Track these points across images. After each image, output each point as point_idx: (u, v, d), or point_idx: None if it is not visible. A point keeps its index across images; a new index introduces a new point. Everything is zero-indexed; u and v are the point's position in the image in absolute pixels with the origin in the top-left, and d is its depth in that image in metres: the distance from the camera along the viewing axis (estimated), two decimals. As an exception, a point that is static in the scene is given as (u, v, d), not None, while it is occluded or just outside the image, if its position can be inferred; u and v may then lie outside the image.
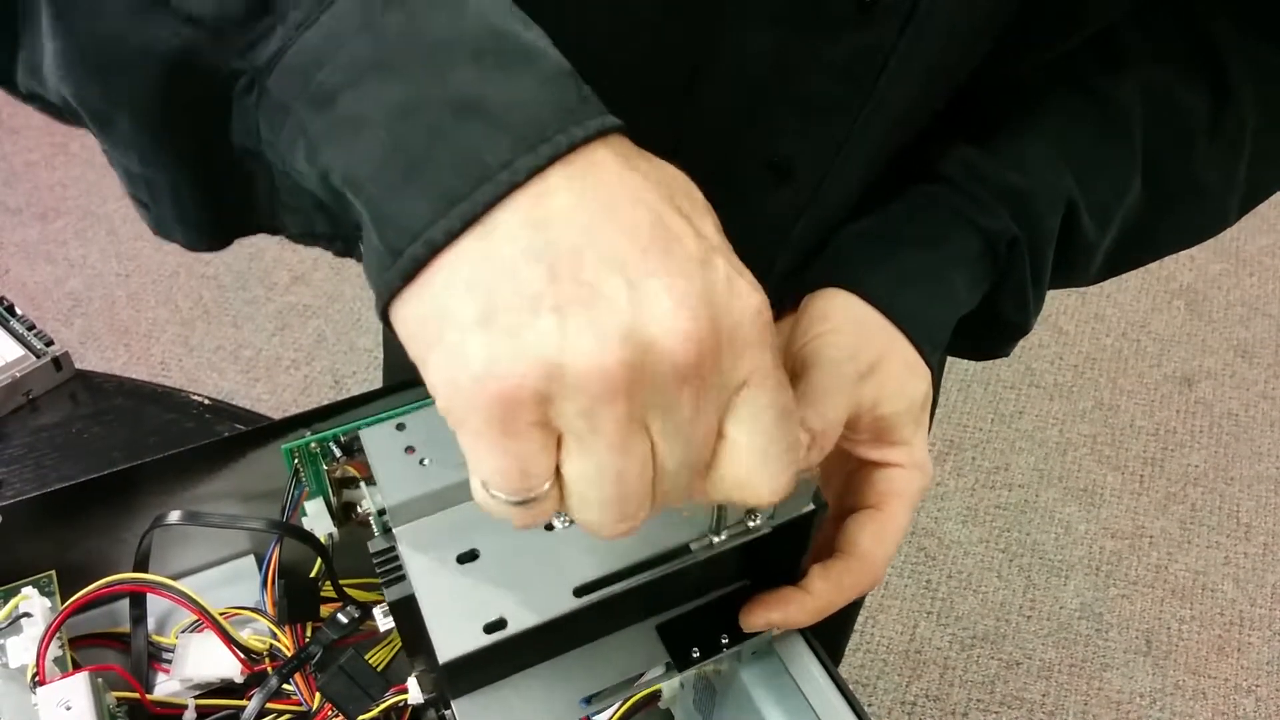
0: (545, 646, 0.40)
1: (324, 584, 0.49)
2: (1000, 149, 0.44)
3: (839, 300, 0.41)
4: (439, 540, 0.34)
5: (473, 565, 0.33)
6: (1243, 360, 1.79)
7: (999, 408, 1.69)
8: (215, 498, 0.51)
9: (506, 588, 0.33)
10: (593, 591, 0.33)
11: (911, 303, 0.41)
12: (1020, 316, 0.46)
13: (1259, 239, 2.01)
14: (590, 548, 0.34)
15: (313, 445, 0.50)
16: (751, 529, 0.35)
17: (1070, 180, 0.44)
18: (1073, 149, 0.45)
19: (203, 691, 0.49)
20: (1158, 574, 1.50)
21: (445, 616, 0.32)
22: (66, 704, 0.42)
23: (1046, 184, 0.44)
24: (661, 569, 0.34)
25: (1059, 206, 0.44)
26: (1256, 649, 1.42)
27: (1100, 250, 0.47)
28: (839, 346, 0.39)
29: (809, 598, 0.38)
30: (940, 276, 0.43)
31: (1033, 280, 0.45)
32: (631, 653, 0.41)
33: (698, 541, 0.34)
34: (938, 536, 1.52)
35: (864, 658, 1.38)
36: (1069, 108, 0.45)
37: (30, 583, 0.50)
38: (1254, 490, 1.60)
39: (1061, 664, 1.39)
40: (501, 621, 0.32)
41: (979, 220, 0.43)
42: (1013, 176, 0.43)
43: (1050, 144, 0.45)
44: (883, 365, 0.39)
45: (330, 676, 0.45)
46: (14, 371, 0.65)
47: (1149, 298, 1.89)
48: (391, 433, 0.36)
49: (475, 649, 0.31)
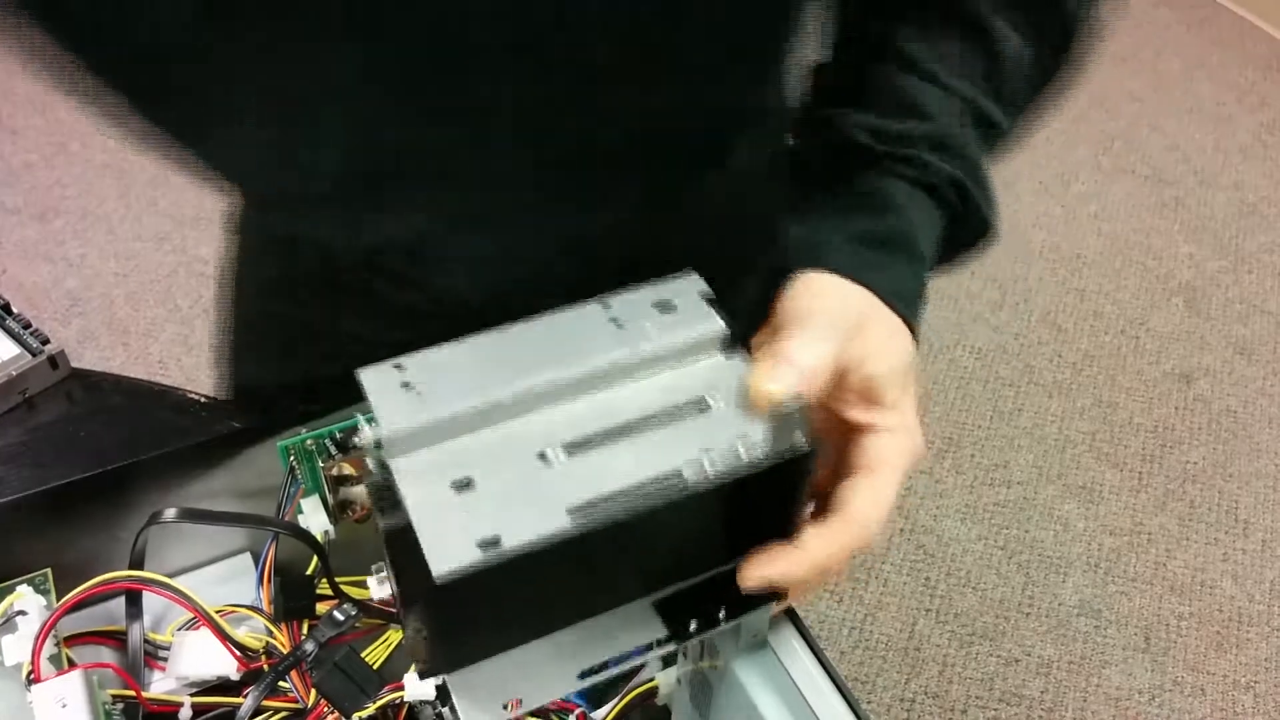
0: (541, 604, 0.40)
1: (320, 581, 0.49)
2: (890, 100, 0.46)
3: (815, 276, 0.43)
4: (435, 470, 0.34)
5: (469, 493, 0.33)
6: (1241, 357, 1.79)
7: (998, 405, 1.69)
8: (211, 495, 0.51)
9: (502, 512, 0.33)
10: (586, 513, 0.33)
11: (882, 270, 0.43)
12: (987, 234, 0.49)
13: (1258, 236, 2.01)
14: (583, 479, 0.34)
15: (309, 443, 0.50)
16: (743, 460, 0.35)
17: (965, 89, 0.46)
18: (947, 61, 0.47)
19: (199, 689, 0.49)
20: (1156, 571, 1.50)
21: (440, 537, 0.32)
22: (62, 702, 0.42)
23: (951, 110, 0.46)
24: (652, 494, 0.34)
25: (968, 124, 0.46)
26: (1255, 645, 1.42)
27: (1017, 125, 0.50)
28: (825, 309, 0.41)
29: (803, 553, 0.39)
30: (905, 245, 0.44)
31: (985, 202, 0.47)
32: (629, 629, 0.41)
33: (690, 470, 0.35)
34: (936, 534, 1.52)
35: (863, 655, 1.38)
36: (923, 33, 0.47)
37: (26, 580, 0.50)
38: (1252, 487, 1.60)
39: (1060, 661, 1.39)
40: (496, 539, 0.32)
41: (917, 177, 0.45)
42: (920, 126, 0.45)
43: (930, 72, 0.47)
44: (867, 326, 0.41)
45: (326, 674, 0.45)
46: (10, 370, 0.65)
47: (1148, 295, 1.89)
48: (389, 370, 0.36)
49: (470, 565, 0.31)
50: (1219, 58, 2.42)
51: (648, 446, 0.36)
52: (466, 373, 0.36)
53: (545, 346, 0.37)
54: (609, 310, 0.39)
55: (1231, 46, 2.46)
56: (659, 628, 0.41)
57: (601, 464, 0.35)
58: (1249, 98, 2.32)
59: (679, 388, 0.38)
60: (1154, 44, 2.45)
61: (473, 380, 0.36)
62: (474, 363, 0.36)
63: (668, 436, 0.36)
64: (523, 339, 0.37)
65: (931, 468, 1.59)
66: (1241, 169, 2.15)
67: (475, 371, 0.36)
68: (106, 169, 2.00)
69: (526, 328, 0.38)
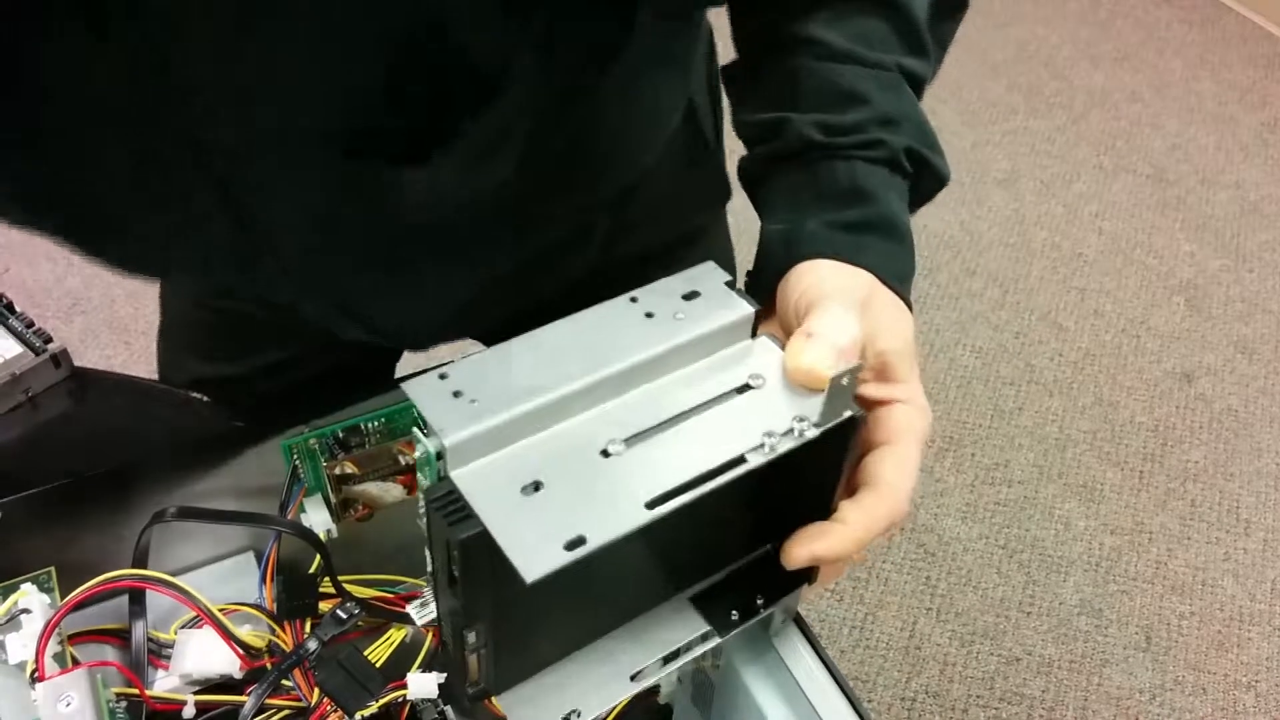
0: (591, 608, 0.40)
1: (323, 580, 0.50)
2: (823, 93, 0.48)
3: (813, 264, 0.44)
4: (500, 477, 0.34)
5: (538, 495, 0.33)
6: (1242, 356, 1.79)
7: (999, 404, 1.69)
8: (214, 494, 0.51)
9: (578, 509, 0.32)
10: (663, 503, 0.33)
11: (874, 252, 0.44)
12: (941, 184, 0.50)
13: (1258, 235, 2.01)
14: (651, 470, 0.34)
15: (311, 442, 0.50)
16: (799, 434, 0.36)
17: (883, 56, 0.48)
18: (870, 37, 0.49)
19: (202, 687, 0.49)
20: (1157, 570, 1.50)
21: (522, 541, 0.31)
22: (66, 700, 0.42)
23: (882, 84, 0.48)
24: (723, 477, 0.34)
25: (902, 89, 0.48)
26: (1256, 645, 1.42)
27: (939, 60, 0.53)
28: (838, 288, 0.42)
29: (846, 527, 0.40)
30: (884, 223, 0.46)
31: (937, 154, 0.49)
32: (670, 627, 0.41)
33: (753, 451, 0.35)
34: (937, 533, 1.52)
35: (864, 654, 1.38)
36: (829, 24, 0.49)
37: (30, 579, 0.50)
38: (1254, 486, 1.60)
39: (1061, 660, 1.39)
40: (581, 539, 0.31)
41: (876, 157, 0.47)
42: (858, 111, 0.47)
43: (856, 52, 0.48)
44: (872, 303, 0.43)
45: (329, 672, 0.45)
46: (13, 369, 0.65)
47: (1149, 294, 1.89)
48: (435, 381, 0.35)
49: (559, 565, 0.31)
50: (1220, 57, 2.42)
51: (705, 433, 0.36)
52: (512, 377, 0.36)
53: (584, 345, 0.37)
54: (637, 304, 0.39)
55: (1233, 45, 2.46)
56: (700, 622, 0.42)
57: (665, 454, 0.35)
58: (1250, 96, 2.32)
59: (720, 372, 0.38)
60: (1155, 43, 2.45)
61: (520, 383, 0.35)
62: (518, 367, 0.36)
63: (722, 421, 0.36)
64: (560, 339, 0.37)
65: (932, 467, 1.59)
66: (1243, 168, 2.15)
67: (522, 375, 0.36)
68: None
69: (561, 329, 0.38)
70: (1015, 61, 2.37)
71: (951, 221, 1.99)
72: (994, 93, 2.28)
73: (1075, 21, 2.49)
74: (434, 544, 0.34)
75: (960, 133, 2.18)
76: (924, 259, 1.90)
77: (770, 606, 0.42)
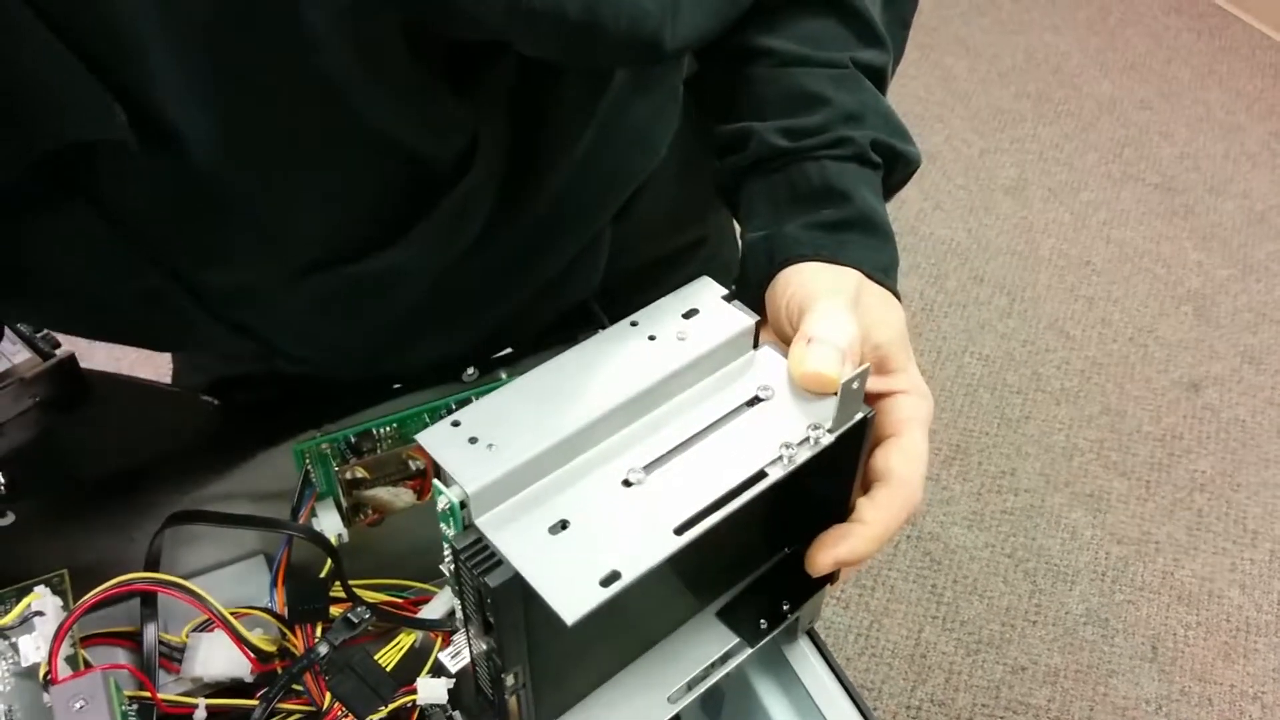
0: (625, 634, 0.40)
1: (334, 584, 0.50)
2: (784, 99, 0.49)
3: (798, 267, 0.44)
4: (525, 519, 0.34)
5: (566, 533, 0.33)
6: (1250, 366, 1.79)
7: (1005, 412, 1.69)
8: (226, 498, 0.51)
9: (608, 544, 0.32)
10: (692, 527, 0.33)
11: (857, 248, 0.45)
12: (910, 170, 0.50)
13: (1266, 245, 2.00)
14: (674, 496, 0.34)
15: (323, 446, 0.50)
16: (814, 441, 0.36)
17: (843, 52, 0.49)
18: (819, 37, 0.49)
19: (212, 691, 0.49)
20: (1164, 580, 1.49)
21: (557, 582, 0.31)
22: (80, 702, 0.42)
23: (843, 84, 0.49)
24: (747, 494, 0.34)
25: (862, 81, 0.49)
26: (1263, 655, 1.42)
27: (897, 50, 0.53)
28: (828, 288, 0.42)
29: (866, 527, 0.40)
30: (863, 220, 0.46)
31: (906, 145, 0.49)
32: (700, 644, 0.41)
33: (772, 464, 0.35)
34: (943, 541, 1.52)
35: (869, 662, 1.38)
36: (787, 27, 0.50)
37: (42, 581, 0.50)
38: (1261, 497, 1.60)
39: (1067, 670, 1.39)
40: (615, 574, 0.31)
41: (845, 155, 0.47)
42: (822, 113, 0.48)
43: (806, 54, 0.49)
44: (861, 298, 0.43)
45: (340, 676, 0.46)
46: (22, 373, 0.66)
47: (1156, 303, 1.89)
48: (449, 429, 0.35)
49: (597, 603, 0.30)
50: (1229, 66, 2.42)
51: (723, 451, 0.36)
52: (525, 415, 0.35)
53: (591, 374, 0.37)
54: (638, 328, 0.39)
55: (1241, 54, 2.46)
56: (728, 635, 0.42)
57: (686, 478, 0.35)
58: (1258, 106, 2.31)
59: (729, 387, 0.38)
60: (1163, 52, 2.45)
61: (534, 421, 0.35)
62: (529, 404, 0.36)
63: (738, 436, 0.36)
64: (567, 372, 0.37)
65: (938, 475, 1.59)
66: (1251, 177, 2.15)
67: (533, 412, 0.35)
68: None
69: (567, 359, 0.38)
70: (1024, 69, 2.37)
71: (959, 229, 1.99)
72: (1002, 100, 2.28)
73: (1084, 29, 2.49)
74: (464, 592, 0.34)
75: (968, 140, 2.18)
76: (931, 266, 1.90)
77: (796, 610, 0.42)
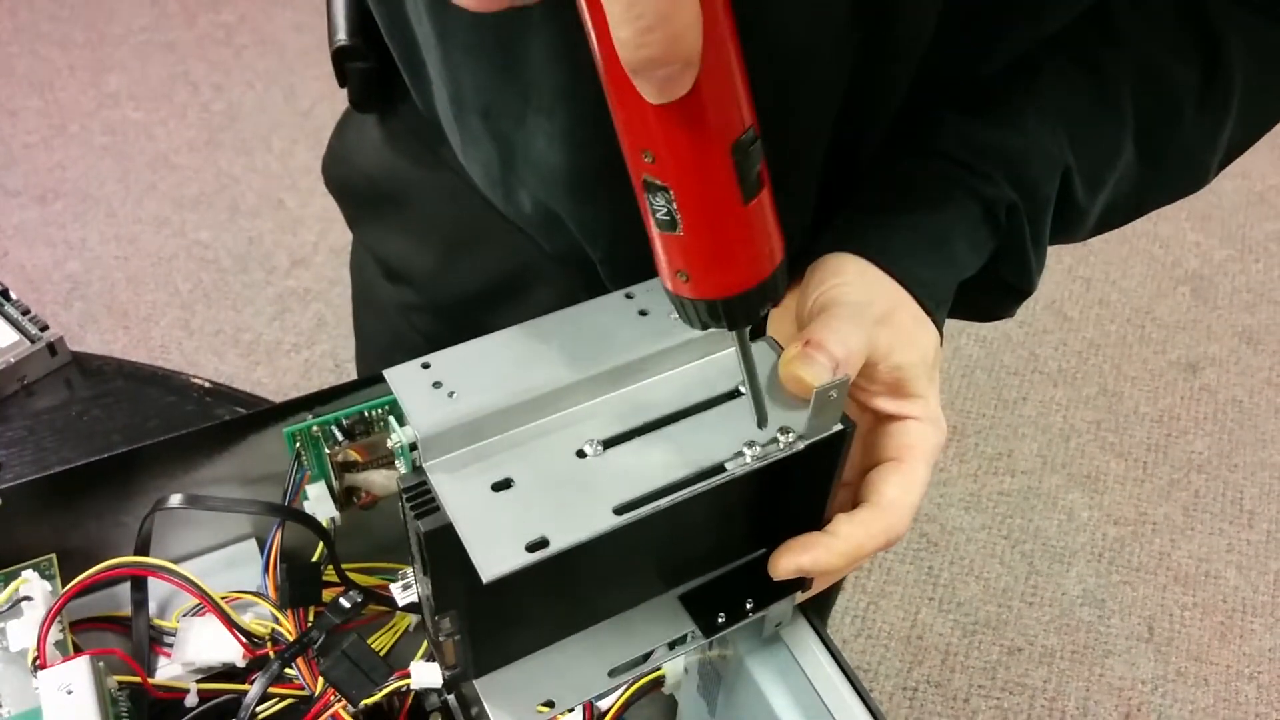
0: (572, 602, 0.39)
1: (326, 568, 0.49)
2: (997, 119, 0.45)
3: (848, 260, 0.42)
4: (471, 471, 0.33)
5: (508, 493, 0.33)
6: (1248, 347, 1.78)
7: (1002, 393, 1.69)
8: (216, 481, 0.50)
9: (545, 511, 0.32)
10: (632, 510, 0.32)
11: (914, 264, 0.42)
12: (1022, 280, 0.47)
13: (1265, 225, 2.00)
14: (624, 475, 0.34)
15: (314, 429, 0.49)
16: (784, 445, 0.35)
17: (1065, 147, 0.45)
18: (1067, 118, 0.45)
19: (204, 675, 0.48)
20: (1160, 561, 1.50)
21: (485, 539, 0.31)
22: (68, 688, 0.42)
23: (1042, 150, 0.45)
24: (697, 486, 0.33)
25: (1055, 172, 0.45)
26: (1259, 636, 1.42)
27: (1092, 214, 0.49)
28: (854, 294, 0.40)
29: (836, 540, 0.38)
30: (941, 241, 0.43)
31: (1033, 243, 0.46)
32: (656, 624, 0.41)
33: (732, 461, 0.34)
34: (940, 523, 1.52)
35: (865, 644, 1.38)
36: (1064, 79, 0.46)
37: (31, 566, 0.49)
38: (1258, 477, 1.60)
39: (1063, 650, 1.39)
40: (543, 540, 0.31)
41: (978, 188, 0.44)
42: (1010, 144, 0.44)
43: (1046, 114, 0.45)
44: (893, 316, 0.41)
45: (333, 661, 0.45)
46: (9, 357, 0.65)
47: (1154, 284, 1.88)
48: (417, 370, 0.35)
49: (518, 566, 0.30)
50: (1227, 45, 2.41)
51: (686, 439, 0.35)
52: (496, 370, 0.35)
53: (573, 340, 0.36)
54: (633, 300, 0.38)
55: (1240, 34, 2.45)
56: (686, 621, 0.41)
57: (641, 459, 0.34)
58: (1257, 86, 2.31)
59: (711, 376, 0.37)
60: (1162, 31, 2.43)
61: (503, 377, 0.35)
62: (503, 359, 0.36)
63: (705, 427, 0.36)
64: (550, 333, 0.37)
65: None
66: (1249, 158, 2.12)
67: (505, 368, 0.35)
68: (106, 151, 2.00)
69: (552, 321, 0.37)
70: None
71: (956, 210, 1.98)
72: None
73: (1082, 9, 2.48)
74: (409, 531, 0.34)
75: (965, 121, 2.17)
76: (928, 247, 1.90)
77: (758, 612, 0.41)
